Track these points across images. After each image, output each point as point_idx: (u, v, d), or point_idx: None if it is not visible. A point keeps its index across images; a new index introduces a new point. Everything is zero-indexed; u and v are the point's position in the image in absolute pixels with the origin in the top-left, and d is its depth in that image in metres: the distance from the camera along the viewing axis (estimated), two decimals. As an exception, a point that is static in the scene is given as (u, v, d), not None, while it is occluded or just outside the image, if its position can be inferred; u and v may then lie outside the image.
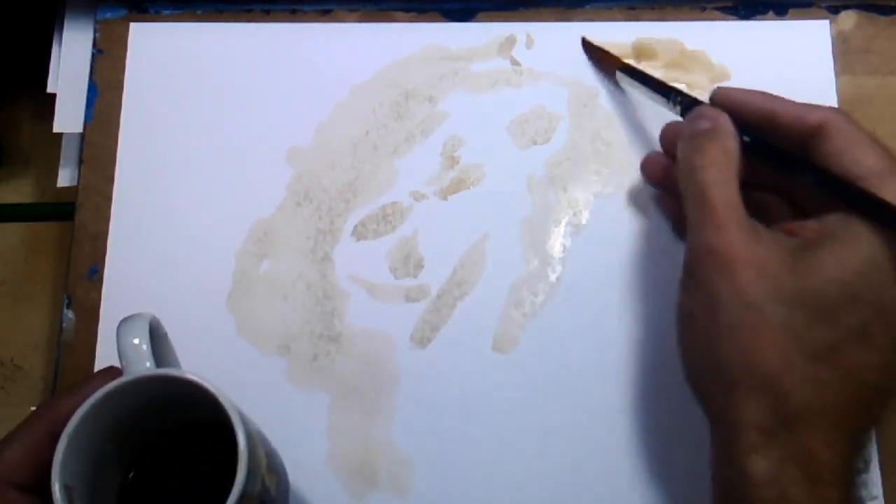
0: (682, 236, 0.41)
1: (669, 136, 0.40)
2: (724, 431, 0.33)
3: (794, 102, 0.37)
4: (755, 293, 0.32)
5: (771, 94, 0.37)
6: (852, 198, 0.33)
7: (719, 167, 0.35)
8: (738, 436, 0.32)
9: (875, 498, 0.39)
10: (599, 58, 0.45)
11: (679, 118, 0.39)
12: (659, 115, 0.41)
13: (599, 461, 0.39)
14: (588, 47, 0.45)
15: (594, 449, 0.40)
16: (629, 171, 0.44)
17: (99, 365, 0.41)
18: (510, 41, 0.46)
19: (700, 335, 0.34)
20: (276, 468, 0.35)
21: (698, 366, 0.35)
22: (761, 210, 0.36)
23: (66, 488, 0.30)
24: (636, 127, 0.44)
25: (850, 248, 0.32)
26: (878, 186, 0.33)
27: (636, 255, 0.42)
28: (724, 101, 0.38)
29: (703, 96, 0.39)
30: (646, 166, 0.42)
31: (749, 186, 0.35)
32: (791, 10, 0.46)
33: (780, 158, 0.36)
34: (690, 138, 0.36)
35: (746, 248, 0.33)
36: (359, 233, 0.43)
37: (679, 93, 0.40)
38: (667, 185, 0.41)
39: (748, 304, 0.32)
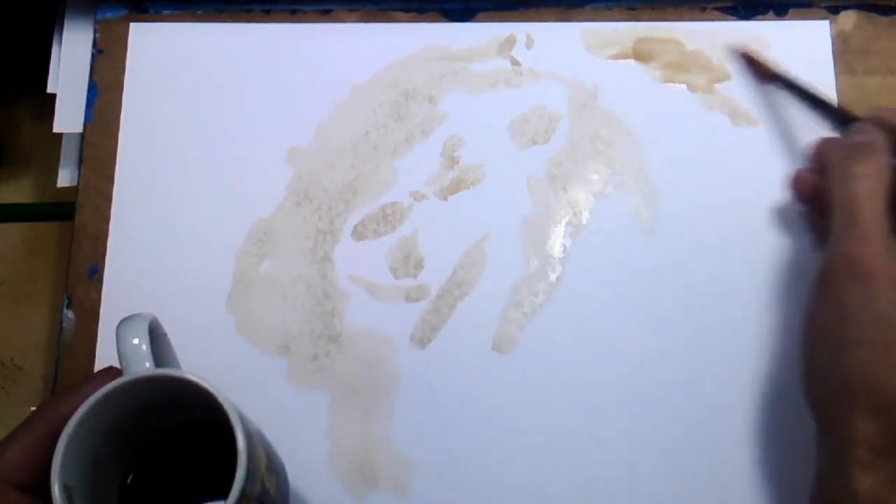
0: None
1: (823, 149, 0.40)
2: (834, 443, 0.33)
3: None
4: (890, 309, 0.32)
5: None
6: None
7: (872, 181, 0.35)
8: (848, 450, 0.32)
9: None
10: (754, 67, 0.45)
11: (826, 131, 0.40)
12: (657, 112, 0.41)
13: (599, 460, 0.39)
14: (743, 57, 0.45)
15: (594, 448, 0.40)
16: (629, 171, 0.44)
17: (99, 365, 0.41)
18: (510, 41, 0.46)
19: (825, 345, 0.34)
20: (275, 469, 0.35)
21: (818, 375, 0.35)
22: None
23: (66, 488, 0.30)
24: (636, 126, 0.44)
25: None
26: None
27: (636, 255, 0.42)
28: (880, 121, 0.38)
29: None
30: (796, 183, 0.41)
31: (892, 209, 0.35)
32: (791, 10, 0.46)
33: None
34: (848, 149, 0.37)
35: (885, 265, 0.33)
36: (359, 233, 0.43)
37: (833, 108, 0.40)
38: (816, 203, 0.40)
39: (880, 319, 0.32)
